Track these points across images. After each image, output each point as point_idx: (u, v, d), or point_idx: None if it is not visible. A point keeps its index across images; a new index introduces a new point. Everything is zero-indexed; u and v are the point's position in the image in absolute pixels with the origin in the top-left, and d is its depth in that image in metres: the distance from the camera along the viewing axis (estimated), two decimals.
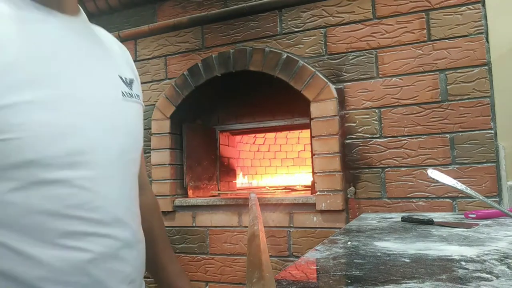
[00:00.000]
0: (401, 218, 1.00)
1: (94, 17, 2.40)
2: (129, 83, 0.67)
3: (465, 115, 1.63)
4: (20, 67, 0.49)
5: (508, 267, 0.52)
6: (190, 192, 2.21)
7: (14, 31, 0.51)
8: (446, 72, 1.67)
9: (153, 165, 2.19)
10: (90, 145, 0.56)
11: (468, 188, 0.91)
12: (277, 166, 2.98)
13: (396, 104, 1.74)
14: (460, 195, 1.60)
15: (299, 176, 2.83)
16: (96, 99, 0.58)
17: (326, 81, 1.84)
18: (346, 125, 1.81)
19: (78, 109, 0.55)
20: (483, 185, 1.58)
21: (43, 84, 0.51)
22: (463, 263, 0.56)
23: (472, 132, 1.62)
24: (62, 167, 0.52)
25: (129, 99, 0.65)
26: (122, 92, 0.64)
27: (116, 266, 0.58)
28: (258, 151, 2.96)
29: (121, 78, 0.66)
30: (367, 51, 1.80)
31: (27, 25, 0.53)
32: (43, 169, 0.50)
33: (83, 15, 0.68)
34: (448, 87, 1.66)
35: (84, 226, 0.54)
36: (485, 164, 1.59)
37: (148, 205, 0.81)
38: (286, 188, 2.42)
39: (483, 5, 1.64)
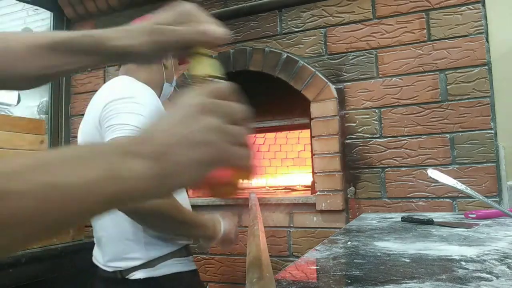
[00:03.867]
0: (401, 218, 1.00)
1: (94, 17, 2.40)
2: None
3: (465, 115, 1.63)
4: None
5: (508, 267, 0.52)
6: (190, 192, 2.21)
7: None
8: (446, 72, 1.67)
9: None
10: None
11: (468, 188, 0.91)
12: (277, 166, 2.97)
13: (396, 104, 1.74)
14: (460, 195, 1.60)
15: (299, 176, 2.83)
16: None
17: (326, 81, 1.84)
18: (346, 125, 1.81)
19: None
20: (483, 185, 1.58)
21: None
22: (463, 263, 0.56)
23: (472, 132, 1.62)
24: None
25: None
26: None
27: None
28: (258, 151, 2.96)
29: None
30: (367, 51, 1.80)
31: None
32: None
33: None
34: (448, 87, 1.66)
35: None
36: (485, 164, 1.59)
37: None
38: (286, 188, 2.42)
39: (483, 5, 1.64)
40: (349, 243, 0.73)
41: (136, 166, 0.31)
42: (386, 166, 1.74)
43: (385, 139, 1.75)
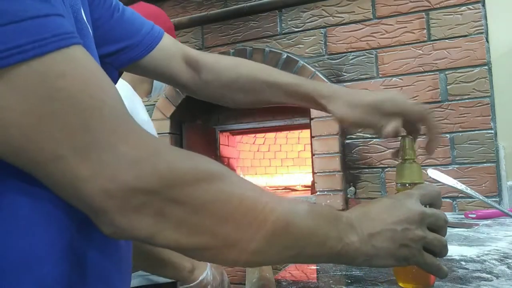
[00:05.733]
0: None
1: None
2: None
3: (465, 115, 1.63)
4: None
5: (508, 267, 0.52)
6: None
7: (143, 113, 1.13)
8: (446, 72, 1.67)
9: None
10: None
11: (468, 188, 0.91)
12: (277, 166, 2.97)
13: None
14: (460, 195, 1.60)
15: (299, 176, 2.83)
16: None
17: (326, 81, 1.84)
18: None
19: None
20: (483, 185, 1.58)
21: None
22: (463, 263, 0.56)
23: (472, 132, 1.62)
24: None
25: None
26: None
27: None
28: (258, 151, 2.96)
29: None
30: (367, 51, 1.80)
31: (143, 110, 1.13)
32: None
33: None
34: (448, 87, 1.66)
35: None
36: (485, 164, 1.59)
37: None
38: (286, 188, 2.42)
39: (483, 5, 1.64)
40: None
41: (353, 238, 0.39)
42: (386, 166, 1.74)
43: (385, 139, 1.74)
